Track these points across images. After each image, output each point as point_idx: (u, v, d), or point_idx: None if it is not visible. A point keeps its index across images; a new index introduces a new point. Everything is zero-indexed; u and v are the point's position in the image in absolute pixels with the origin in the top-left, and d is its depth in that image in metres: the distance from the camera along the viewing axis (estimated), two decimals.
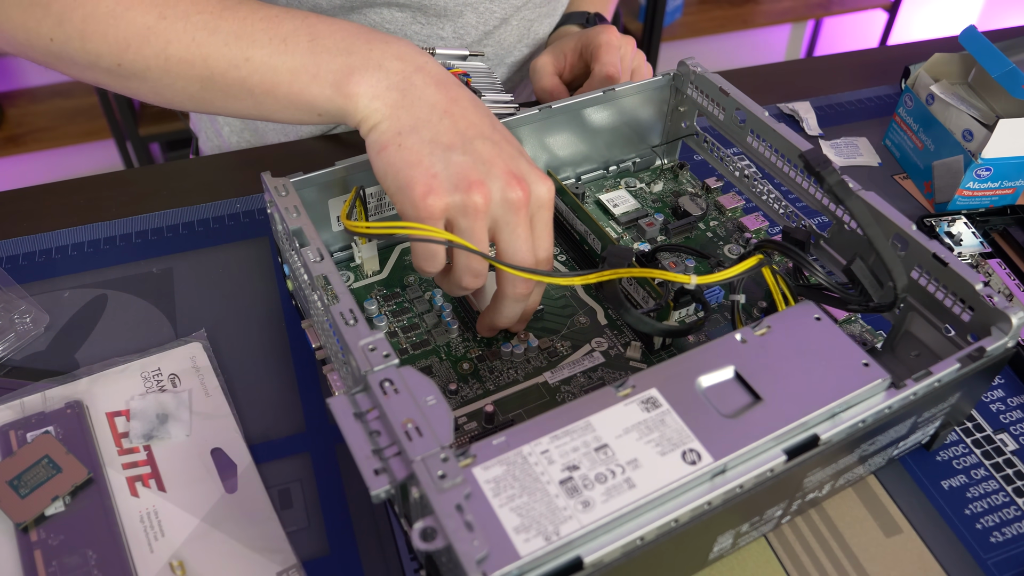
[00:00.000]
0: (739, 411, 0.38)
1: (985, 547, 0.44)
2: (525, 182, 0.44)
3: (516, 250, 0.45)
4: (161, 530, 0.44)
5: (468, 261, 0.45)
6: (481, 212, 0.43)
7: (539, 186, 0.45)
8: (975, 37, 0.65)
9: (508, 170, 0.43)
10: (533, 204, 0.45)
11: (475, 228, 0.43)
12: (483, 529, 0.33)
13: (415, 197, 0.42)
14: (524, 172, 0.44)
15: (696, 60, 0.60)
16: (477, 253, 0.44)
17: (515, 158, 0.45)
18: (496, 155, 0.44)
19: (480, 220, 0.43)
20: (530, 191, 0.44)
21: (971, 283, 0.43)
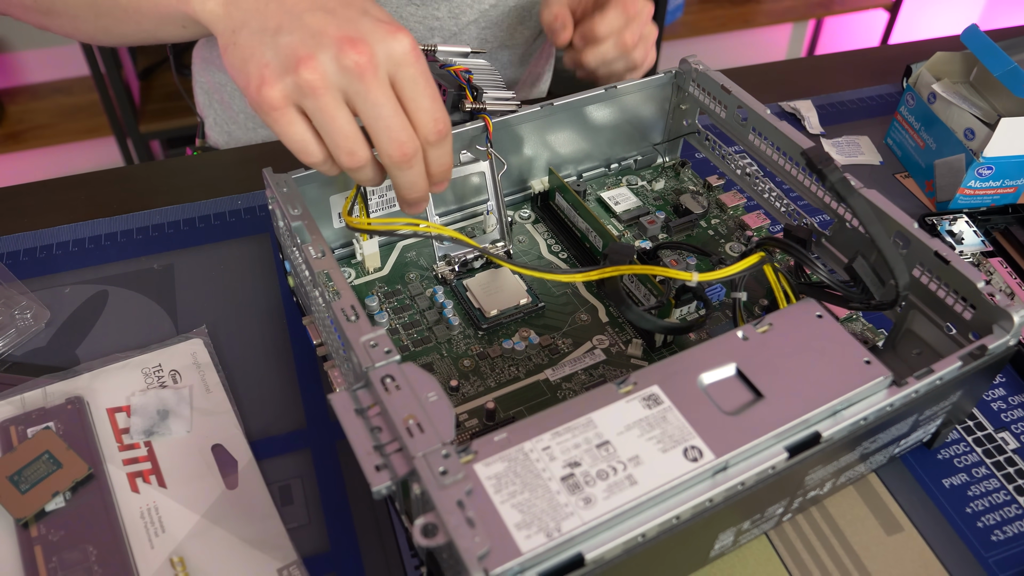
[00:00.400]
0: (741, 408, 0.38)
1: (986, 545, 0.44)
2: (364, 42, 0.40)
3: (379, 119, 0.41)
4: (162, 526, 0.44)
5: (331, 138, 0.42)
6: (320, 88, 0.40)
7: (385, 44, 0.40)
8: (977, 36, 0.65)
9: (342, 35, 0.40)
10: (386, 64, 0.41)
11: (322, 108, 0.40)
12: (484, 525, 0.33)
13: (252, 92, 0.41)
14: (364, 32, 0.40)
15: (698, 58, 0.60)
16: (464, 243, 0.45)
17: (352, 20, 0.41)
18: (328, 23, 0.40)
19: (324, 97, 0.40)
20: (372, 51, 0.40)
21: (973, 281, 0.43)
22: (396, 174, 0.44)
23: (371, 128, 0.41)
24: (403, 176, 0.44)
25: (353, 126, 0.41)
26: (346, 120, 0.41)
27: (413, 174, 0.44)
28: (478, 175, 0.58)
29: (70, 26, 0.52)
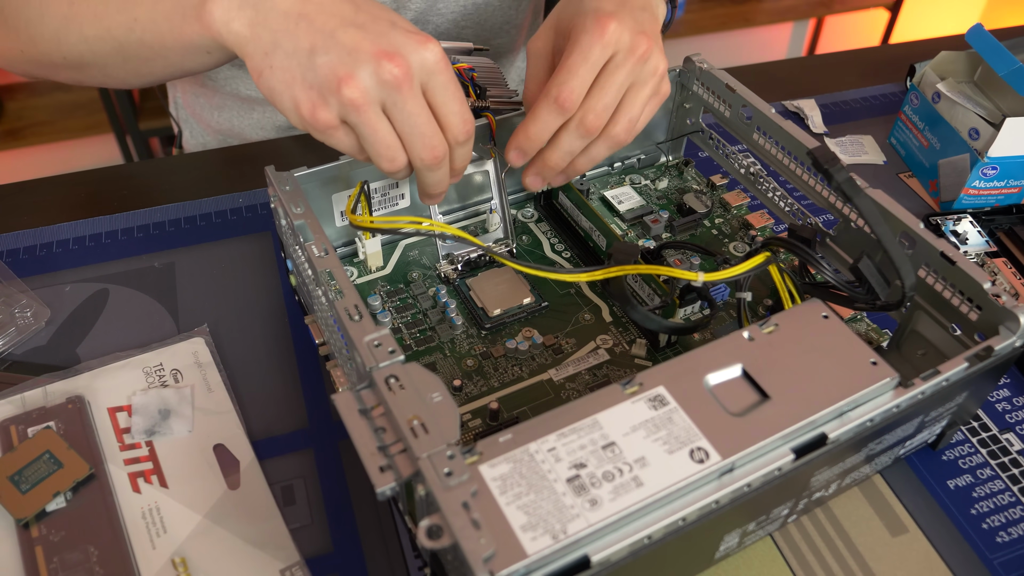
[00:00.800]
0: (747, 409, 0.38)
1: (991, 547, 0.44)
2: (399, 55, 0.41)
3: (413, 128, 0.43)
4: (163, 526, 0.43)
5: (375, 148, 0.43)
6: (362, 105, 0.41)
7: (418, 54, 0.42)
8: (982, 35, 0.65)
9: (377, 50, 0.41)
10: (419, 73, 0.42)
11: (364, 121, 0.42)
12: (490, 527, 0.32)
13: (305, 118, 0.42)
14: (397, 45, 0.41)
15: (702, 57, 0.59)
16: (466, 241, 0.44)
17: (384, 34, 0.42)
18: (361, 39, 0.41)
19: (366, 112, 0.41)
20: (408, 63, 0.41)
21: (979, 282, 0.42)
22: (425, 175, 0.46)
23: (406, 135, 0.43)
24: (432, 176, 0.46)
25: (393, 136, 0.43)
26: (387, 131, 0.43)
27: (441, 173, 0.46)
28: (482, 173, 0.58)
29: (101, 75, 0.52)
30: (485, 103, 0.55)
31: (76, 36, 0.49)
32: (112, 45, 0.49)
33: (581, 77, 0.47)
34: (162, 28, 0.47)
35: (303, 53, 0.42)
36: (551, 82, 0.47)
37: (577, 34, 0.47)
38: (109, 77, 0.53)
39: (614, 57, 0.47)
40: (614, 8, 0.47)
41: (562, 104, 0.47)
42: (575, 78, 0.47)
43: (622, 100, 0.49)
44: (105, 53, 0.50)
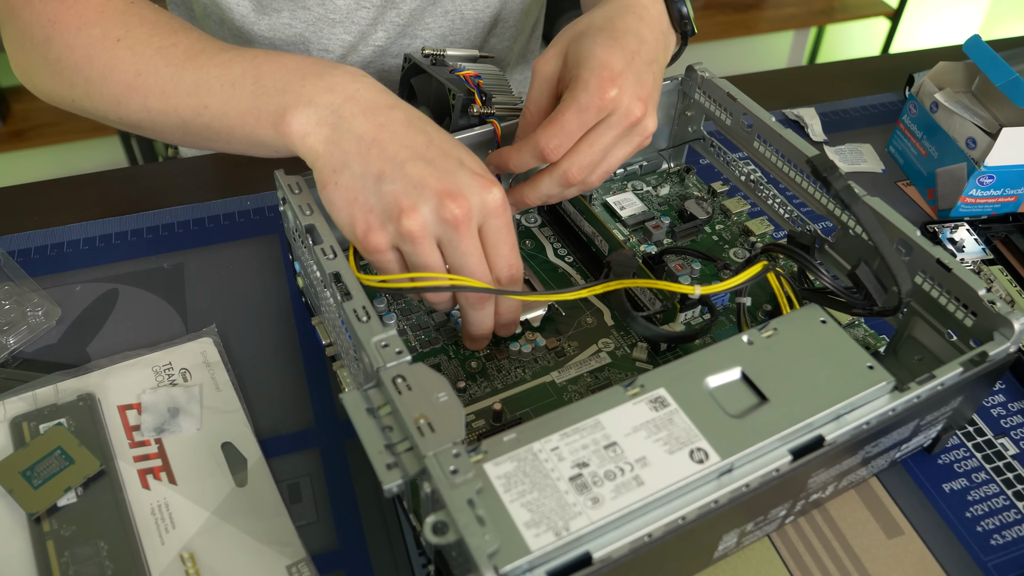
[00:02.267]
0: (746, 411, 0.39)
1: (986, 549, 0.45)
2: (462, 196, 0.42)
3: (464, 266, 0.44)
4: (172, 522, 0.44)
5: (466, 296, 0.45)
6: (419, 238, 0.42)
7: (480, 196, 0.43)
8: (979, 46, 0.66)
9: (442, 188, 0.42)
10: (478, 215, 0.43)
11: (418, 253, 0.43)
12: (494, 524, 0.33)
13: (358, 236, 0.43)
14: (461, 186, 0.42)
15: (704, 65, 0.60)
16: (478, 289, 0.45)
17: (451, 173, 0.43)
18: (428, 174, 0.42)
19: (421, 245, 0.43)
20: (469, 204, 0.42)
21: (974, 289, 0.43)
22: (469, 313, 0.47)
23: (455, 271, 0.44)
24: (475, 315, 0.47)
25: (441, 268, 0.44)
26: (437, 263, 0.44)
27: (484, 315, 0.47)
28: None
29: (157, 137, 0.53)
30: (490, 110, 0.56)
31: (138, 105, 0.49)
32: (176, 121, 0.49)
33: (570, 135, 0.48)
34: (233, 122, 0.47)
35: (370, 177, 0.43)
36: (542, 129, 0.48)
37: (578, 88, 0.47)
38: (166, 140, 0.53)
39: (607, 118, 0.48)
40: (620, 67, 0.48)
41: (546, 156, 0.48)
42: (564, 135, 0.48)
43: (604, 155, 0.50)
44: (167, 125, 0.50)
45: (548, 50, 0.52)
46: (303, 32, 0.71)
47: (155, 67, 0.48)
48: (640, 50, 0.49)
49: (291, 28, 0.70)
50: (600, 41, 0.49)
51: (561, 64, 0.51)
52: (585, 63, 0.48)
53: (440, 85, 0.58)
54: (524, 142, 0.49)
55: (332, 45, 0.72)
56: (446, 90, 0.57)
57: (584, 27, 0.51)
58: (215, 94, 0.47)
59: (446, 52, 0.60)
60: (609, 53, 0.48)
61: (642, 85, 0.48)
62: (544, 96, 0.52)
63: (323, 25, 0.70)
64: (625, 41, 0.49)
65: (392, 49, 0.74)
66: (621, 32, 0.49)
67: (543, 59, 0.51)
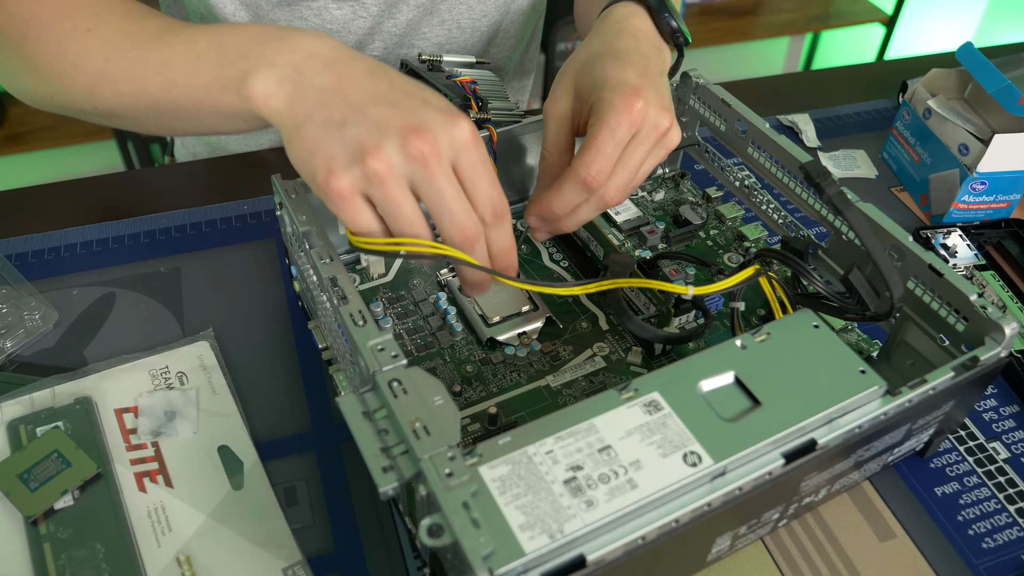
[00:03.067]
0: (739, 415, 0.39)
1: (977, 552, 0.45)
2: (428, 131, 0.40)
3: (442, 204, 0.42)
4: (168, 525, 0.44)
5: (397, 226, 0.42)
6: (386, 178, 0.40)
7: (447, 130, 0.41)
8: (972, 53, 0.66)
9: (406, 125, 0.40)
10: (448, 150, 0.41)
11: (388, 196, 0.41)
12: (489, 526, 0.33)
13: (320, 184, 0.41)
14: (427, 121, 0.41)
15: (699, 71, 0.61)
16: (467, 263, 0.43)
17: (415, 111, 0.41)
18: (392, 114, 0.41)
19: (389, 186, 0.41)
20: (436, 139, 0.41)
21: (966, 294, 0.44)
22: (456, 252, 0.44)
23: (435, 213, 0.42)
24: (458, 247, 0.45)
25: (418, 212, 0.42)
26: (411, 207, 0.42)
27: (475, 256, 0.45)
28: None
29: (132, 125, 0.53)
30: (487, 115, 0.56)
31: (110, 91, 0.49)
32: (147, 103, 0.49)
33: (609, 157, 0.47)
34: (200, 95, 0.47)
35: (332, 125, 0.41)
36: (579, 160, 0.47)
37: (604, 111, 0.47)
38: (141, 127, 0.53)
39: (638, 133, 0.47)
40: (638, 81, 0.47)
41: (591, 185, 0.47)
42: (604, 159, 0.47)
43: None
44: (139, 108, 0.50)
45: (555, 90, 0.51)
46: None
47: (123, 51, 0.48)
48: (648, 65, 0.49)
49: None
50: (609, 63, 0.49)
51: (572, 99, 0.50)
52: (603, 85, 0.48)
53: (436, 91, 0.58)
54: (563, 179, 0.48)
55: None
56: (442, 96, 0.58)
57: (585, 57, 0.51)
58: (181, 69, 0.47)
59: (442, 58, 0.61)
60: (623, 71, 0.48)
61: (662, 96, 0.48)
62: (562, 136, 0.51)
63: None
64: (632, 59, 0.49)
65: (390, 59, 0.74)
66: (624, 52, 0.50)
67: (552, 100, 0.51)
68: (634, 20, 0.53)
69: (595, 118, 0.47)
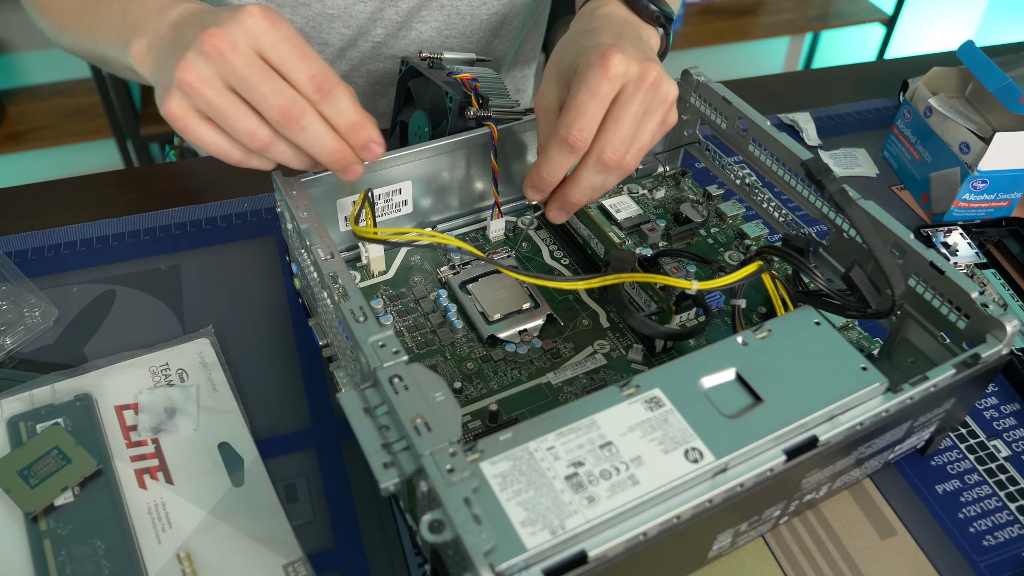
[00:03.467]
0: (740, 412, 0.39)
1: (978, 550, 0.45)
2: (218, 26, 0.42)
3: (252, 89, 0.42)
4: (169, 522, 0.44)
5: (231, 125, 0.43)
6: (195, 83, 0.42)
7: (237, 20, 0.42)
8: (973, 51, 0.66)
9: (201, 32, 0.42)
10: (246, 40, 0.42)
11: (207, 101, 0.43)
12: (490, 522, 0.33)
13: (165, 114, 0.44)
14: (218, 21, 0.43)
15: (700, 69, 0.61)
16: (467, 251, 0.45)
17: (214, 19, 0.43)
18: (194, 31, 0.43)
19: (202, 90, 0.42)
20: (226, 30, 0.42)
21: (967, 291, 0.44)
22: (294, 139, 0.44)
23: (252, 102, 0.43)
24: (302, 139, 0.44)
25: (241, 107, 0.43)
26: (233, 104, 0.43)
27: (310, 135, 0.44)
28: (481, 181, 0.59)
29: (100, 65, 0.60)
30: (488, 113, 0.56)
31: (67, 39, 0.60)
32: (89, 51, 0.58)
33: (591, 114, 0.46)
34: (114, 52, 0.52)
35: (169, 65, 0.44)
36: (560, 122, 0.47)
37: (583, 71, 0.47)
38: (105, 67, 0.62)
39: (625, 88, 0.47)
40: (613, 41, 0.48)
41: (573, 144, 0.47)
42: (584, 116, 0.46)
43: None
44: (89, 55, 0.60)
45: (542, 85, 0.51)
46: (303, 27, 0.72)
47: (72, 6, 0.58)
48: (622, 31, 0.50)
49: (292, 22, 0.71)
50: (582, 39, 0.49)
51: (557, 89, 0.50)
52: (579, 56, 0.48)
53: (437, 88, 0.58)
54: (549, 142, 0.48)
55: (332, 39, 0.73)
56: (443, 93, 0.58)
57: (561, 46, 0.51)
58: (100, 28, 0.54)
59: (443, 55, 0.61)
60: (595, 38, 0.48)
61: (642, 51, 0.48)
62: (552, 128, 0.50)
63: (321, 20, 0.72)
64: (604, 29, 0.50)
65: (391, 43, 0.75)
66: (595, 29, 0.50)
67: (539, 95, 0.51)
68: (606, 8, 0.53)
69: (576, 82, 0.47)
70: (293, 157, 0.46)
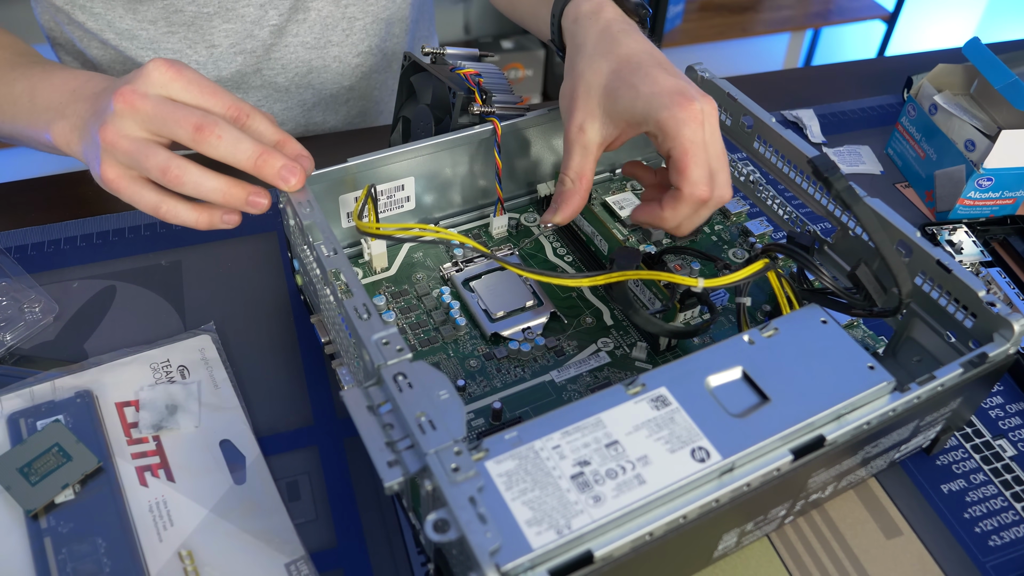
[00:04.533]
0: (747, 411, 0.39)
1: (984, 550, 0.45)
2: (127, 86, 0.45)
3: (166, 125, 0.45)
4: (170, 519, 0.44)
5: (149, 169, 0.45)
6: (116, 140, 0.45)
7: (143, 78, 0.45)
8: (979, 48, 0.66)
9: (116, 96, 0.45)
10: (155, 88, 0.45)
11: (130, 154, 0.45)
12: (496, 521, 0.33)
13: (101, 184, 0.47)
14: (129, 80, 0.46)
15: (704, 66, 0.60)
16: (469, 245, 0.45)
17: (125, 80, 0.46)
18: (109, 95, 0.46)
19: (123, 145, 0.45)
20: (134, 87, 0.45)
21: (975, 290, 0.43)
22: (212, 152, 0.45)
23: (169, 135, 0.45)
24: (220, 149, 0.45)
25: (152, 146, 0.45)
26: (144, 145, 0.45)
27: (226, 142, 0.45)
28: (485, 178, 0.58)
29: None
30: (491, 108, 0.56)
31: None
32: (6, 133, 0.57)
33: (707, 165, 0.47)
34: (21, 130, 0.55)
35: (87, 133, 0.48)
36: (684, 180, 0.47)
37: (676, 128, 0.46)
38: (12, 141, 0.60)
39: (705, 126, 0.47)
40: (675, 83, 0.47)
41: (705, 198, 0.47)
42: (704, 169, 0.47)
43: None
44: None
45: (578, 116, 0.50)
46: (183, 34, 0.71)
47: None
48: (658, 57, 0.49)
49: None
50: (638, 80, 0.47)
51: (602, 126, 0.50)
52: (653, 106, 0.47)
53: (440, 84, 0.58)
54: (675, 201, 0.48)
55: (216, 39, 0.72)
56: (446, 88, 0.57)
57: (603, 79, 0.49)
58: (3, 107, 0.55)
59: (446, 51, 0.60)
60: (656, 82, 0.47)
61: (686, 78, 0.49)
62: (587, 164, 0.51)
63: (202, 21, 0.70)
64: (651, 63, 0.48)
65: (291, 28, 0.73)
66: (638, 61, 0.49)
67: (578, 128, 0.50)
68: (605, 13, 0.52)
69: (672, 140, 0.46)
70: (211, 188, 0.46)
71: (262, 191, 0.47)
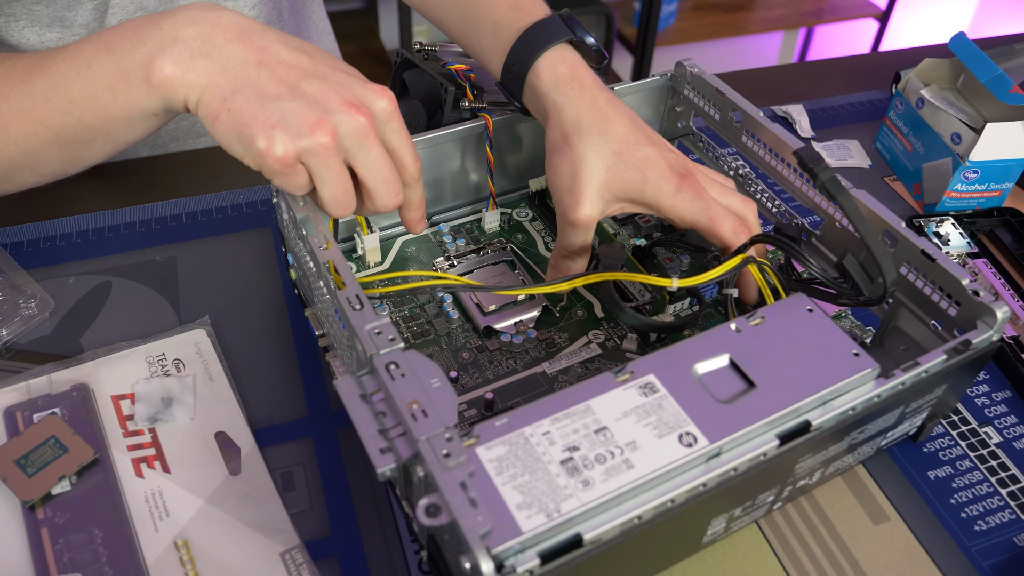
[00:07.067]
0: (734, 397, 0.39)
1: (969, 535, 0.46)
2: (364, 105, 0.43)
3: (378, 174, 0.44)
4: (166, 510, 0.44)
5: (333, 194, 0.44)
6: (332, 150, 0.42)
7: (378, 103, 0.44)
8: (964, 43, 0.66)
9: (344, 100, 0.42)
10: (379, 123, 0.44)
11: (330, 167, 0.43)
12: (486, 506, 0.34)
13: (261, 152, 0.41)
14: (360, 96, 0.43)
15: (693, 61, 0.61)
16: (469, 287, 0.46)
17: (346, 85, 0.44)
18: (326, 89, 0.43)
19: (334, 157, 0.43)
20: (372, 112, 0.43)
21: (958, 279, 0.44)
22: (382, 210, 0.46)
23: (370, 182, 0.45)
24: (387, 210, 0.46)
25: (351, 183, 0.44)
26: (346, 175, 0.44)
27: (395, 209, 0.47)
28: (477, 173, 0.59)
29: (33, 177, 0.50)
30: (482, 104, 0.57)
31: (3, 140, 0.46)
32: (46, 137, 0.46)
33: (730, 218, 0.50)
34: (104, 102, 0.44)
35: (268, 99, 0.42)
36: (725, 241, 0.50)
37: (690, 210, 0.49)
38: (43, 175, 0.50)
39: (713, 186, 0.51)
40: (670, 156, 0.50)
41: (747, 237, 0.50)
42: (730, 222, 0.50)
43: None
44: (38, 148, 0.47)
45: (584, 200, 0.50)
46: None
47: (3, 93, 0.45)
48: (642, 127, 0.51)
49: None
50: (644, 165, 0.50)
51: (603, 205, 0.50)
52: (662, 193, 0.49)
53: (432, 79, 0.59)
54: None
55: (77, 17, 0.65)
56: (438, 84, 0.58)
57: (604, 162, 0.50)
58: (73, 83, 0.44)
59: (437, 47, 0.61)
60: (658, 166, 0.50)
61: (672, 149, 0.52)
62: (578, 240, 0.51)
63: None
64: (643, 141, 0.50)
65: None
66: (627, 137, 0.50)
67: (580, 207, 0.50)
68: (583, 78, 0.51)
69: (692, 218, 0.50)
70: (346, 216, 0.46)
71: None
